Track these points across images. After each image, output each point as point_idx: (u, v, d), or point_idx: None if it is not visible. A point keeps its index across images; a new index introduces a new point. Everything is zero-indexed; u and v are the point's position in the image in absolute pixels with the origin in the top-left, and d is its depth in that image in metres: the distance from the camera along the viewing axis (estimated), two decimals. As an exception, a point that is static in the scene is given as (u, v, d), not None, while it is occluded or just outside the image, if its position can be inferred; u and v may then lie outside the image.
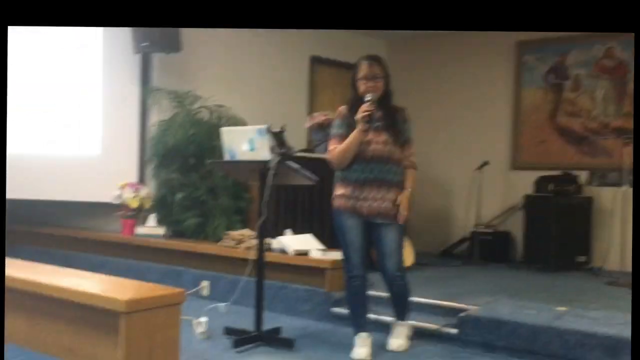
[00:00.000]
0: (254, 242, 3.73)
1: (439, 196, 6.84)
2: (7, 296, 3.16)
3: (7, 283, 3.11)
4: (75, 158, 5.49)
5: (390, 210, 3.08)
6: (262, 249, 3.40)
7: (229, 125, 4.91)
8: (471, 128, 6.66)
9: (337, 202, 3.15)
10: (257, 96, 6.05)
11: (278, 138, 3.31)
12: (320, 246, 4.34)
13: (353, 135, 3.01)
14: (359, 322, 3.23)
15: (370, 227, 3.13)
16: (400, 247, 3.19)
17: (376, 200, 3.07)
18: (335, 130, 3.14)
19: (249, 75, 6.09)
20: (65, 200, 5.49)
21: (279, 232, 4.67)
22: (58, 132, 5.49)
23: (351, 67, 3.27)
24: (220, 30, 5.87)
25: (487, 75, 6.60)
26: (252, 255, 3.51)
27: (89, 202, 5.51)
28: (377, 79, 3.06)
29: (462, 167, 6.45)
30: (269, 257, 3.79)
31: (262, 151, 3.19)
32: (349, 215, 3.11)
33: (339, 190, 3.15)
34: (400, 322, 3.38)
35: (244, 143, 3.23)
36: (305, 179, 3.36)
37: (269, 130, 3.25)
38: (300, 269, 4.13)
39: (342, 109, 3.17)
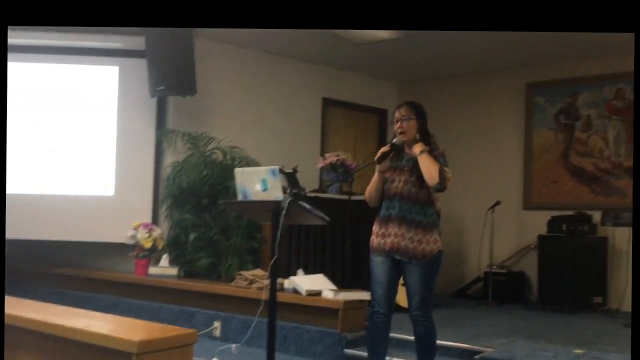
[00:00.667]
0: (266, 282, 3.72)
1: (452, 236, 6.80)
2: (22, 337, 3.17)
3: (22, 324, 3.13)
4: (90, 199, 5.57)
5: (412, 249, 3.09)
6: (274, 289, 3.39)
7: (242, 166, 4.98)
8: (483, 168, 6.67)
9: (370, 240, 3.25)
10: (270, 137, 6.14)
11: (290, 178, 3.34)
12: (333, 286, 4.32)
13: (375, 176, 3.20)
14: None
15: (399, 264, 3.16)
16: (423, 287, 3.14)
17: (397, 236, 3.10)
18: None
19: (262, 116, 6.19)
20: (80, 241, 5.54)
21: (291, 272, 4.67)
22: (73, 173, 5.58)
23: (361, 109, 3.35)
24: (234, 73, 6.02)
25: (498, 117, 6.65)
26: (264, 295, 3.50)
27: (103, 243, 5.56)
28: (404, 120, 3.17)
29: (474, 207, 6.44)
30: (281, 297, 3.76)
31: (275, 191, 3.21)
32: (376, 252, 3.18)
33: (374, 228, 3.24)
34: None
35: (257, 183, 3.26)
36: (317, 219, 3.37)
37: (281, 171, 3.27)
38: (313, 309, 4.11)
39: (384, 148, 3.27)
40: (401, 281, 5.19)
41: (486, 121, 6.71)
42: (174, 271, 5.12)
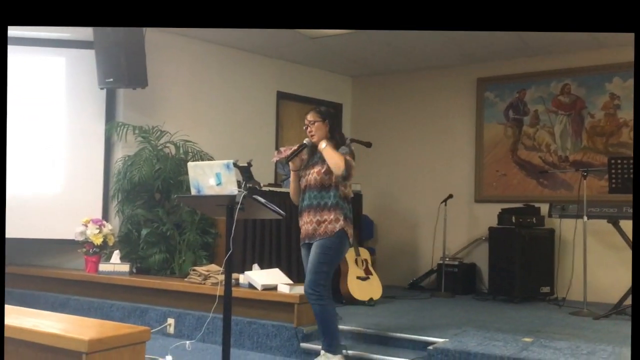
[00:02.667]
0: (221, 277, 3.69)
1: (405, 229, 6.91)
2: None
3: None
4: (37, 195, 5.38)
5: (313, 230, 3.41)
6: (229, 284, 3.36)
7: (195, 160, 4.91)
8: (436, 162, 6.78)
9: None
10: (223, 131, 6.07)
11: (245, 172, 3.32)
12: (288, 280, 4.32)
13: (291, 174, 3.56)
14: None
15: (309, 248, 3.45)
16: (315, 265, 3.35)
17: (306, 223, 3.45)
18: None
19: (216, 110, 6.11)
20: (27, 238, 5.36)
21: (247, 267, 4.64)
22: (19, 168, 5.38)
23: (316, 103, 3.45)
24: (186, 66, 5.92)
25: (450, 111, 6.77)
26: (219, 291, 3.47)
27: (51, 240, 5.39)
28: (311, 124, 3.52)
29: (427, 200, 6.55)
30: (236, 292, 3.75)
31: (229, 185, 3.18)
32: (302, 242, 3.50)
33: None
34: (323, 352, 3.41)
35: (211, 177, 3.22)
36: (272, 213, 3.36)
37: (235, 165, 3.25)
38: (268, 304, 4.10)
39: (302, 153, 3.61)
40: (357, 274, 5.25)
41: (438, 116, 6.82)
42: (125, 268, 5.01)
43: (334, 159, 3.33)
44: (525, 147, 6.30)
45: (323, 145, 3.41)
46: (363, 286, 5.16)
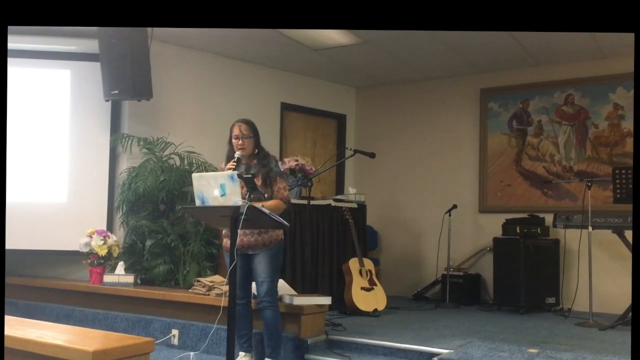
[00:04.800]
0: (225, 288, 3.69)
1: (409, 240, 6.90)
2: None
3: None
4: (43, 206, 5.40)
5: (256, 240, 3.53)
6: (233, 295, 3.36)
7: (200, 171, 4.92)
8: (440, 172, 6.78)
9: (223, 242, 3.71)
10: (227, 142, 6.07)
11: (249, 183, 3.33)
12: (292, 291, 4.31)
13: None
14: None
15: (245, 258, 3.56)
16: (269, 274, 3.54)
17: (246, 235, 3.51)
18: None
19: (220, 121, 6.09)
20: (32, 249, 5.37)
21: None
22: (25, 179, 5.41)
23: (320, 114, 3.47)
24: (191, 77, 5.95)
25: (454, 121, 6.77)
26: (223, 302, 3.47)
27: (56, 251, 5.40)
28: (245, 138, 3.61)
29: (431, 210, 6.54)
30: (240, 303, 3.74)
31: (233, 196, 3.20)
32: (227, 252, 3.53)
33: (224, 232, 3.67)
34: (267, 358, 3.59)
35: (215, 188, 3.24)
36: (276, 223, 3.37)
37: (239, 176, 3.27)
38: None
39: (222, 164, 3.74)
40: (361, 285, 5.24)
41: (442, 126, 6.83)
42: (130, 279, 5.01)
43: (277, 209, 3.50)
44: (529, 157, 6.30)
45: (260, 204, 3.38)
46: (367, 297, 5.15)
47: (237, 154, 3.56)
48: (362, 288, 5.19)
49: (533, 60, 6.09)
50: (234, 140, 3.63)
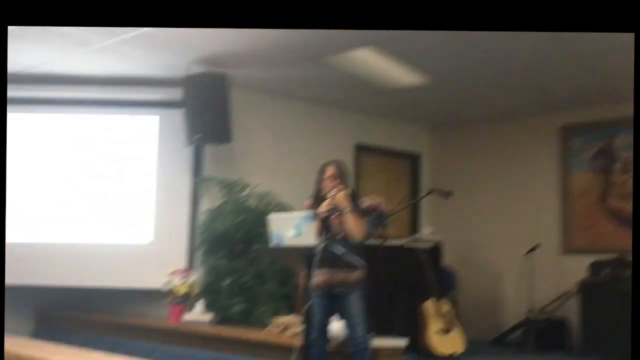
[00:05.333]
0: (300, 328, 3.70)
1: (488, 281, 6.68)
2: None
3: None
4: (128, 246, 5.66)
5: (344, 280, 3.53)
6: (308, 335, 3.37)
7: (275, 212, 5.02)
8: (519, 212, 6.58)
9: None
10: (303, 183, 6.15)
11: (324, 223, 3.37)
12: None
13: (314, 226, 3.49)
14: None
15: (333, 297, 3.57)
16: (361, 315, 3.54)
17: (330, 273, 3.50)
18: None
19: (295, 163, 6.26)
20: (119, 287, 5.62)
21: (326, 319, 4.62)
22: (113, 221, 5.71)
23: (394, 154, 3.52)
24: (267, 121, 6.14)
25: (533, 159, 6.59)
26: (298, 341, 3.48)
27: (140, 289, 5.61)
28: (339, 178, 3.65)
29: (511, 251, 6.33)
30: (315, 344, 3.73)
31: (308, 236, 3.24)
32: (314, 291, 3.56)
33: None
34: None
35: (291, 229, 3.30)
36: (349, 264, 3.37)
37: (315, 216, 3.31)
38: (350, 356, 4.04)
39: (308, 202, 3.75)
40: (438, 327, 5.10)
41: (521, 164, 6.65)
42: (208, 317, 5.12)
43: (353, 225, 3.51)
44: (615, 195, 6.00)
45: (347, 208, 3.51)
46: (445, 340, 5.01)
47: (332, 192, 3.58)
48: (439, 331, 5.06)
49: (616, 95, 5.86)
50: (326, 181, 3.66)
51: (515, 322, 6.15)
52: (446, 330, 5.07)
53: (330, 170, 3.67)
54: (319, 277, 3.45)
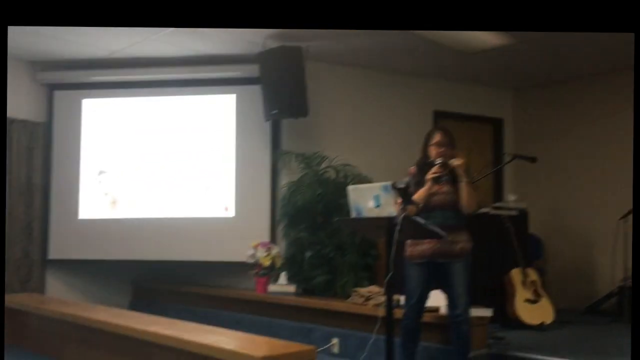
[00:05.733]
0: (382, 298, 3.71)
1: (578, 248, 6.41)
2: (156, 352, 3.40)
3: (156, 340, 3.35)
4: (213, 220, 5.86)
5: (453, 250, 3.48)
6: (390, 306, 3.37)
7: (354, 183, 5.02)
8: (610, 175, 6.22)
9: (406, 251, 3.59)
10: (381, 153, 6.14)
11: (403, 194, 3.33)
12: (443, 301, 4.21)
13: (421, 191, 3.50)
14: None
15: (436, 267, 3.51)
16: (466, 287, 3.50)
17: (438, 242, 3.45)
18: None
19: (373, 133, 6.21)
20: (204, 261, 5.85)
21: (408, 289, 4.60)
22: (198, 196, 5.92)
23: (475, 120, 3.44)
24: (344, 93, 6.11)
25: (622, 120, 6.16)
26: (380, 312, 3.49)
27: (225, 262, 5.82)
28: (447, 146, 3.57)
29: (603, 216, 6.02)
30: (398, 314, 3.74)
31: (388, 207, 3.22)
32: (415, 259, 3.54)
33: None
34: None
35: (370, 200, 3.28)
36: (432, 233, 3.32)
37: (394, 187, 3.28)
38: (432, 326, 4.01)
39: (413, 168, 3.69)
40: (526, 297, 4.97)
41: (612, 124, 6.26)
42: (292, 288, 5.24)
43: (470, 196, 3.48)
44: None
45: (464, 179, 3.48)
46: (533, 310, 4.87)
47: (439, 159, 3.52)
48: (527, 300, 4.92)
49: None
50: (432, 147, 3.60)
51: (609, 290, 5.87)
52: (534, 300, 4.93)
53: (437, 137, 3.59)
54: (422, 245, 3.45)
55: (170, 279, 6.30)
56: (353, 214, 3.42)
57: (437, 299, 4.23)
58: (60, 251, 6.01)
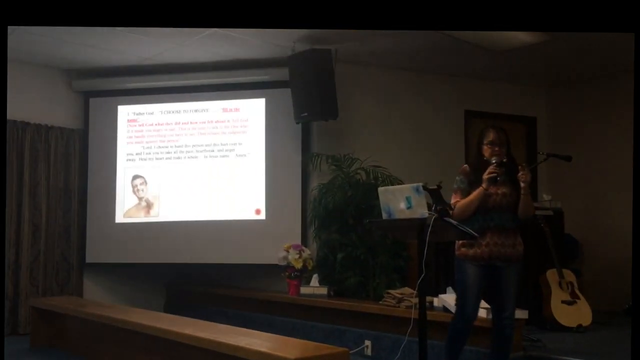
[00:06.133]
0: (415, 300, 3.68)
1: (617, 248, 6.24)
2: (190, 354, 3.44)
3: (190, 341, 3.39)
4: (245, 223, 5.91)
5: (512, 253, 3.39)
6: (423, 307, 3.34)
7: (385, 185, 5.01)
8: (649, 173, 6.06)
9: (459, 251, 3.47)
10: (412, 154, 6.11)
11: (435, 195, 3.30)
12: (484, 304, 4.16)
13: (477, 192, 3.39)
14: None
15: (491, 270, 3.39)
16: (517, 291, 3.42)
17: (496, 245, 3.36)
18: (457, 185, 3.52)
19: (404, 134, 6.19)
20: (237, 263, 5.91)
21: (440, 290, 4.57)
22: (230, 200, 5.97)
23: (507, 119, 3.39)
24: (373, 94, 6.10)
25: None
26: (413, 314, 3.47)
27: (257, 264, 5.86)
28: (502, 145, 3.45)
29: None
30: (430, 316, 3.71)
31: (419, 208, 3.19)
32: (470, 261, 3.40)
33: (462, 241, 3.45)
34: None
35: (401, 201, 3.26)
36: (464, 235, 3.29)
37: (425, 188, 3.25)
38: (483, 331, 3.97)
39: (466, 167, 3.56)
40: (562, 298, 4.87)
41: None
42: (324, 290, 5.25)
43: (530, 207, 3.43)
44: None
45: (527, 192, 3.38)
46: (570, 311, 4.78)
47: (495, 159, 3.40)
48: (563, 301, 4.83)
49: None
50: (486, 147, 3.48)
51: (649, 291, 5.72)
52: (571, 301, 4.83)
53: (491, 135, 3.47)
54: (479, 247, 3.35)
55: (204, 281, 6.38)
56: (384, 216, 3.41)
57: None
58: (97, 255, 6.14)
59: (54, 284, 5.95)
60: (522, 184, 3.36)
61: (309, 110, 5.34)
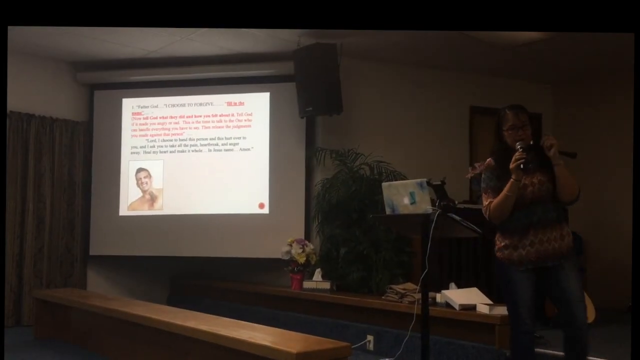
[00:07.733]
0: (418, 296, 3.69)
1: (621, 245, 6.23)
2: (191, 346, 3.45)
3: (192, 334, 3.41)
4: (248, 217, 5.92)
5: (560, 247, 2.90)
6: (426, 303, 3.35)
7: (389, 180, 5.00)
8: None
9: (501, 254, 2.98)
10: (416, 150, 6.10)
11: (439, 190, 3.29)
12: (487, 300, 4.16)
13: (508, 186, 2.88)
14: None
15: (542, 272, 2.91)
16: (582, 290, 2.93)
17: (542, 242, 2.88)
18: (486, 183, 3.05)
19: (408, 129, 6.17)
20: (240, 257, 5.91)
21: (443, 286, 4.57)
22: (233, 193, 5.97)
23: None
24: (378, 89, 6.08)
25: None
26: (416, 309, 3.47)
27: (261, 259, 5.87)
28: (525, 126, 2.99)
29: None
30: (433, 311, 3.72)
31: (423, 204, 3.19)
32: (516, 266, 2.91)
33: (502, 242, 2.99)
34: None
35: (405, 197, 3.26)
36: (468, 231, 3.28)
37: (429, 183, 3.24)
38: (467, 324, 3.98)
39: (490, 161, 3.06)
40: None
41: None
42: (327, 285, 5.25)
43: (571, 181, 2.89)
44: None
45: (560, 161, 2.87)
46: (573, 309, 4.76)
47: (520, 144, 2.90)
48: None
49: None
50: (507, 132, 2.98)
51: (653, 289, 5.71)
52: (574, 298, 4.82)
53: (510, 119, 2.98)
54: (523, 249, 2.86)
55: (207, 275, 6.39)
56: (388, 211, 3.41)
57: (469, 297, 4.19)
58: (101, 247, 6.16)
59: (57, 276, 5.98)
60: (550, 153, 2.85)
61: (313, 105, 5.34)
